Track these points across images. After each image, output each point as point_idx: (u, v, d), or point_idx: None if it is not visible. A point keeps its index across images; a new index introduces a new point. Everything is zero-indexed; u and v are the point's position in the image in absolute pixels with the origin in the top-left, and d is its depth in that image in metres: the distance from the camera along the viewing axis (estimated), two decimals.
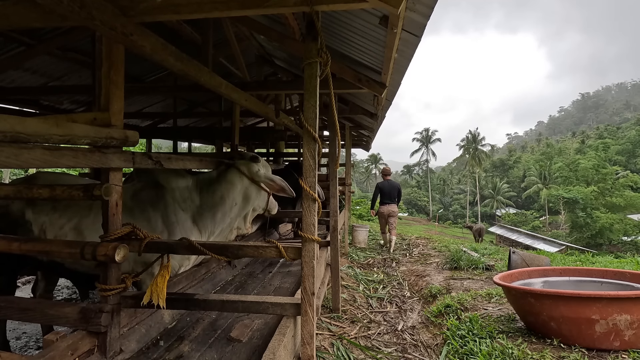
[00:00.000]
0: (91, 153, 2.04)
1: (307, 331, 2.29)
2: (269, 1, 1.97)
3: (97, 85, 2.25)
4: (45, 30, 4.50)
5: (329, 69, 2.31)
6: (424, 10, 2.26)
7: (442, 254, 7.38)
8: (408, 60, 3.26)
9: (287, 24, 3.35)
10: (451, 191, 65.49)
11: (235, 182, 3.19)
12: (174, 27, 4.72)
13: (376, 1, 1.83)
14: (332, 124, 3.40)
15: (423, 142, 66.36)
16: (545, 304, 2.80)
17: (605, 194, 33.67)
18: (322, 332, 3.46)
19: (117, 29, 1.97)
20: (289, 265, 4.60)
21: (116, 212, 2.28)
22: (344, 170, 9.89)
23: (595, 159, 38.97)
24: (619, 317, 2.59)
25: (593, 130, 75.76)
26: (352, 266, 6.25)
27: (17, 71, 5.36)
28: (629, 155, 52.03)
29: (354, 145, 12.16)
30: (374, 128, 8.73)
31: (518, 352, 2.69)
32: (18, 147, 1.64)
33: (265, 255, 2.36)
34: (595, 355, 2.67)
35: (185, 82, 5.05)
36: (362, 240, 8.64)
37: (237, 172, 3.23)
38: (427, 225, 40.08)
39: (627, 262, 6.81)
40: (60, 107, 6.92)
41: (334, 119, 2.71)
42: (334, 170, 3.92)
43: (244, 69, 5.09)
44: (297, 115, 6.44)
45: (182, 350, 2.44)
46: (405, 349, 3.38)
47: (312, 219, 2.25)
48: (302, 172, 2.25)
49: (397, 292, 5.09)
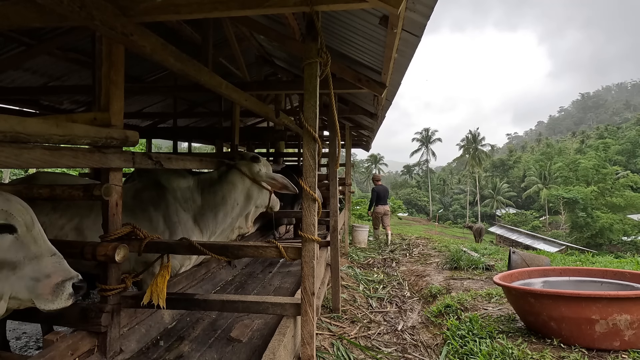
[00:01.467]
0: (91, 153, 2.04)
1: (307, 331, 2.29)
2: (269, 1, 1.98)
3: (97, 85, 2.25)
4: (45, 30, 4.50)
5: (329, 69, 2.31)
6: (424, 10, 2.26)
7: (442, 254, 7.38)
8: (408, 60, 3.26)
9: (287, 24, 3.35)
10: (451, 191, 65.46)
11: (236, 183, 3.19)
12: (174, 27, 4.72)
13: (376, 1, 1.83)
14: (332, 124, 3.40)
15: (423, 142, 66.34)
16: (545, 304, 2.80)
17: (605, 194, 33.65)
18: (322, 332, 3.46)
19: (117, 29, 1.97)
20: (289, 265, 4.60)
21: (116, 212, 2.28)
22: (344, 170, 9.89)
23: (595, 159, 38.95)
24: (619, 317, 2.59)
25: (593, 130, 75.73)
26: (352, 266, 6.25)
27: (17, 71, 5.36)
28: (629, 155, 51.99)
29: (354, 145, 12.16)
30: (374, 128, 8.73)
31: (518, 352, 2.69)
32: (18, 147, 1.64)
33: (265, 255, 2.36)
34: (595, 355, 2.67)
35: (185, 82, 5.04)
36: (362, 240, 8.65)
37: (239, 172, 3.23)
38: (427, 225, 40.07)
39: (627, 262, 6.82)
40: (60, 107, 6.92)
41: (334, 119, 2.71)
42: (334, 170, 3.92)
43: (244, 69, 5.09)
44: (297, 115, 6.43)
45: (182, 350, 2.44)
46: (405, 349, 3.38)
47: (312, 219, 2.25)
48: (301, 172, 2.25)
49: (397, 292, 5.09)
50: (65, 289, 1.61)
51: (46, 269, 1.61)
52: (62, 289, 1.60)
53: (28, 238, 1.62)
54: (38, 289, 1.58)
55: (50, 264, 1.63)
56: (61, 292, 1.60)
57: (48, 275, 1.60)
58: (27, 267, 1.59)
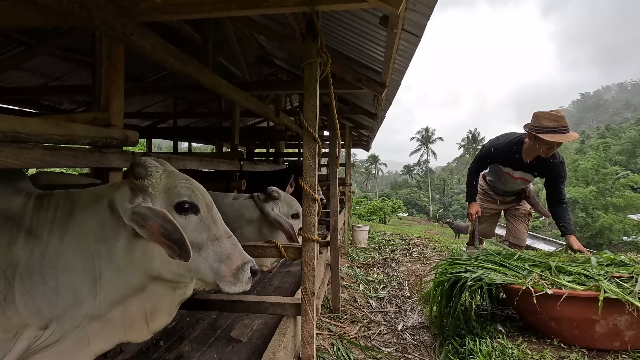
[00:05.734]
0: (91, 153, 2.04)
1: (307, 331, 2.29)
2: (269, 1, 1.97)
3: (97, 85, 2.25)
4: (45, 30, 4.51)
5: (329, 69, 2.31)
6: (424, 10, 2.26)
7: (442, 254, 7.38)
8: (408, 60, 3.26)
9: (287, 24, 3.35)
10: (451, 191, 65.45)
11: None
12: (174, 27, 4.73)
13: (376, 1, 1.83)
14: (332, 124, 3.40)
15: (422, 142, 66.37)
16: (545, 304, 2.80)
17: (605, 194, 33.64)
18: (322, 332, 3.46)
19: (117, 29, 1.97)
20: (289, 265, 4.60)
21: None
22: (344, 170, 9.89)
23: (595, 159, 38.95)
24: (619, 317, 2.59)
25: (593, 130, 75.71)
26: (352, 266, 6.25)
27: (17, 71, 5.37)
28: (629, 155, 51.97)
29: (354, 145, 12.16)
30: (374, 128, 8.73)
31: (518, 352, 2.69)
32: (18, 147, 1.63)
33: (265, 255, 2.36)
34: (595, 355, 2.67)
35: (185, 82, 5.05)
36: (362, 240, 8.65)
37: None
38: (427, 225, 40.07)
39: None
40: (60, 107, 6.93)
41: (334, 119, 2.71)
42: (334, 170, 3.92)
43: (244, 69, 5.10)
44: (297, 115, 6.43)
45: (182, 350, 2.44)
46: (405, 349, 3.38)
47: (312, 219, 2.25)
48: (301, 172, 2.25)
49: (397, 292, 5.09)
50: (245, 272, 1.59)
51: (226, 251, 1.59)
52: (242, 272, 1.58)
53: (209, 219, 1.60)
54: (221, 271, 1.56)
55: (229, 245, 1.61)
56: (241, 275, 1.58)
57: (229, 257, 1.58)
58: (210, 249, 1.56)
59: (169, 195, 1.54)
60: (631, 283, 2.66)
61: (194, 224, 1.55)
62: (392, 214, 36.17)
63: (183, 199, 1.54)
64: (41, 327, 1.40)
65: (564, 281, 2.78)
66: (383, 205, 34.82)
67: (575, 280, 2.80)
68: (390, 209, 35.45)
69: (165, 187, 1.54)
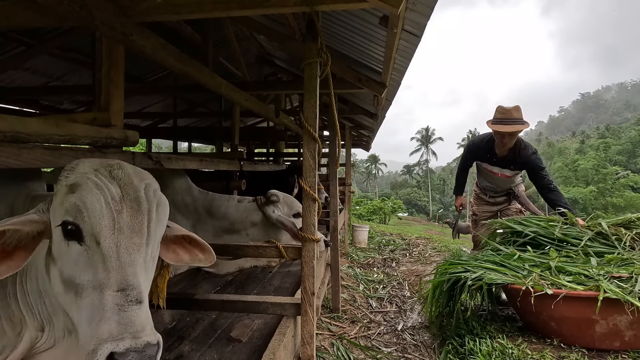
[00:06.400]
0: (91, 153, 2.04)
1: (307, 331, 2.29)
2: (269, 1, 1.97)
3: (97, 85, 2.25)
4: (45, 30, 4.50)
5: (329, 69, 2.31)
6: (424, 10, 2.26)
7: (442, 254, 7.38)
8: (408, 60, 3.26)
9: (287, 24, 3.35)
10: (451, 191, 65.37)
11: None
12: (174, 27, 4.72)
13: (376, 1, 1.83)
14: (332, 124, 3.40)
15: (423, 141, 66.38)
16: (545, 304, 2.80)
17: (605, 194, 33.65)
18: (322, 332, 3.46)
19: (117, 29, 1.97)
20: (289, 265, 4.60)
21: None
22: (344, 170, 9.89)
23: (595, 159, 38.96)
24: (619, 317, 2.59)
25: (593, 131, 75.72)
26: (352, 266, 6.25)
27: (17, 71, 5.36)
28: (629, 155, 51.98)
29: (354, 145, 12.16)
30: (374, 128, 8.73)
31: (518, 352, 2.69)
32: (18, 147, 1.63)
33: (266, 255, 2.36)
34: (595, 355, 2.67)
35: (185, 82, 5.05)
36: (362, 240, 8.65)
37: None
38: (427, 225, 40.06)
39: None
40: (60, 107, 6.92)
41: (334, 119, 2.71)
42: (334, 170, 3.92)
43: (244, 69, 5.09)
44: (297, 115, 6.43)
45: (182, 350, 2.44)
46: (405, 349, 3.38)
47: (312, 219, 2.25)
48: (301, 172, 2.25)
49: (397, 292, 5.10)
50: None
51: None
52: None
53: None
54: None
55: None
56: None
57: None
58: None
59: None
60: (631, 283, 2.66)
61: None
62: (392, 214, 36.18)
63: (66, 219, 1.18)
64: (37, 328, 1.40)
65: (564, 281, 2.78)
66: (383, 205, 34.83)
67: (575, 280, 2.80)
68: (390, 209, 35.45)
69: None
